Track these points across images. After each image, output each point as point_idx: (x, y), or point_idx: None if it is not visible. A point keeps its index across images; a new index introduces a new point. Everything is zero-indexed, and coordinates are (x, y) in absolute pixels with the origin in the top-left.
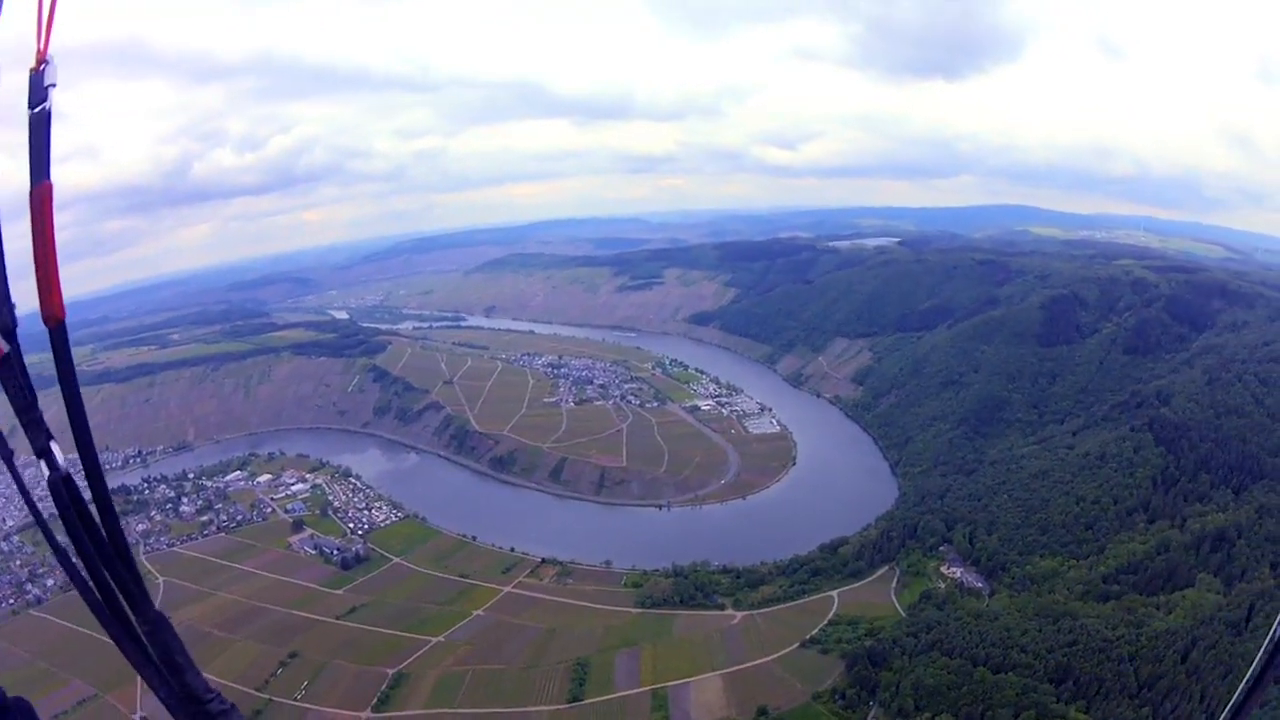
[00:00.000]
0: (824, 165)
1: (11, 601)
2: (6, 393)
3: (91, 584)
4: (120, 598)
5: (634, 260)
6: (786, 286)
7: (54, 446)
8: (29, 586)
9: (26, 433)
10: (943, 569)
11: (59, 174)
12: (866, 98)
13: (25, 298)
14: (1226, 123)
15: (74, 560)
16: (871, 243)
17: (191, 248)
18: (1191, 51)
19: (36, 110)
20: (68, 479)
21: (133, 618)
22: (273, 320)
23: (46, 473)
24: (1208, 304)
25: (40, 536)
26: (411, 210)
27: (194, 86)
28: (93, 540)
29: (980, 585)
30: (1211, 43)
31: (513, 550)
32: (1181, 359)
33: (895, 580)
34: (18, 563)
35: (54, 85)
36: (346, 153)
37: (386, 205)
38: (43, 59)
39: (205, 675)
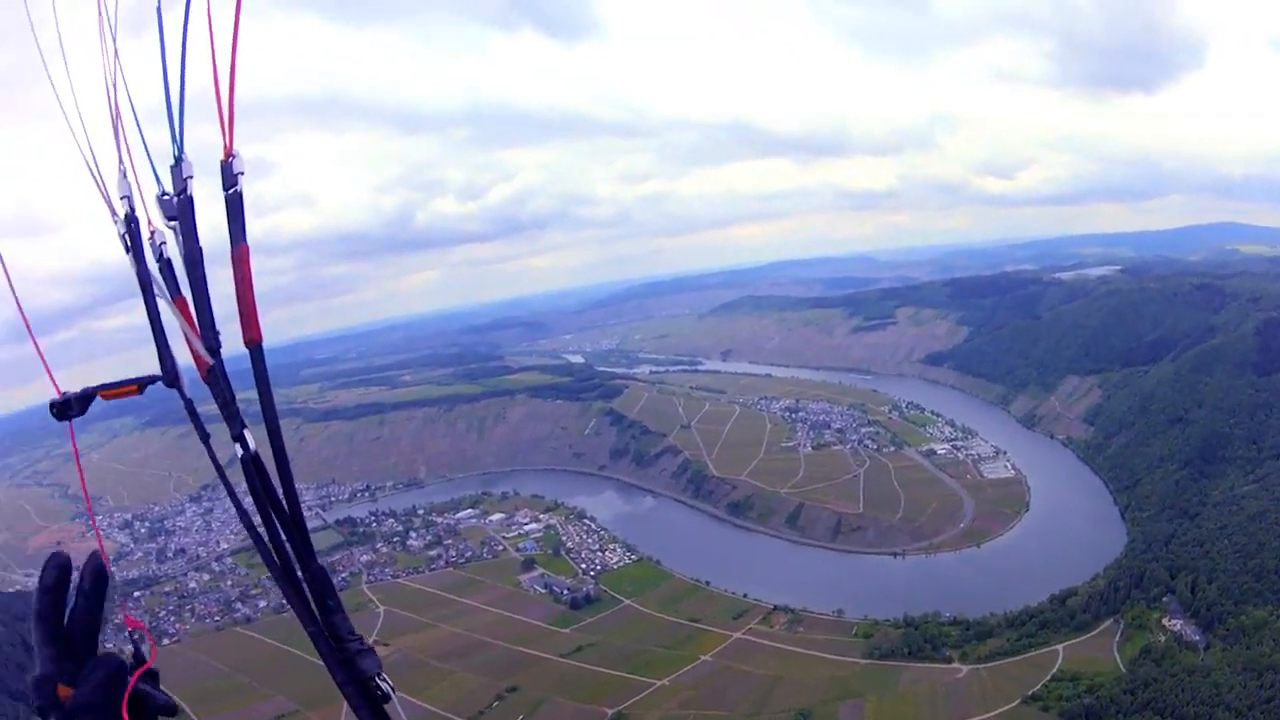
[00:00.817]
0: (1040, 193)
1: (218, 619)
2: (213, 394)
3: (268, 542)
4: (289, 550)
5: (865, 300)
6: (1016, 322)
7: (247, 434)
8: (238, 605)
9: (227, 424)
10: (1164, 621)
11: (276, 220)
12: (1071, 118)
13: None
14: None
15: (256, 525)
16: (1094, 272)
17: (419, 293)
18: None
19: (230, 192)
20: (256, 457)
21: (296, 567)
22: (507, 363)
23: (239, 452)
24: None
25: (255, 559)
26: (638, 254)
27: (405, 136)
28: (273, 506)
29: (1197, 638)
30: None
31: (745, 596)
32: None
33: (1119, 634)
34: (229, 582)
35: (242, 173)
36: (570, 199)
37: (613, 250)
38: (230, 153)
39: (418, 700)
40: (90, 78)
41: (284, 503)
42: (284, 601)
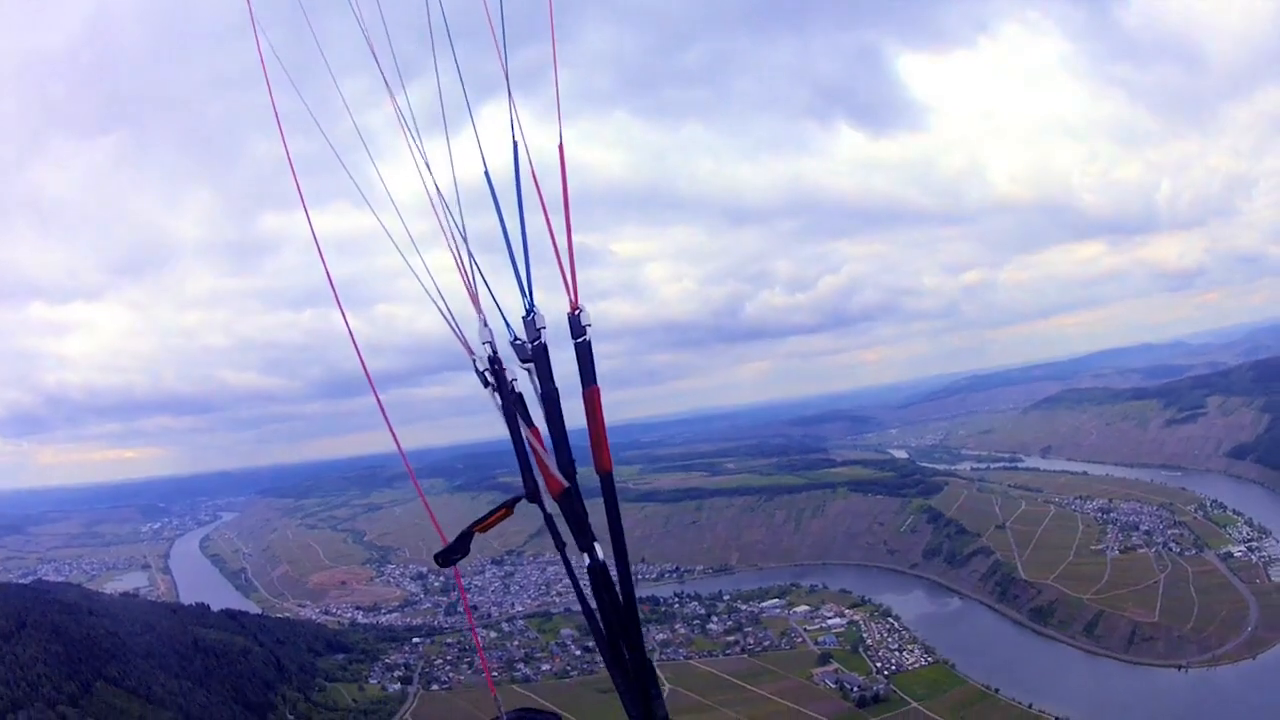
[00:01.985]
0: None
1: (497, 674)
2: (564, 513)
3: (606, 639)
4: (624, 648)
5: (1178, 390)
6: None
7: (595, 546)
8: (520, 665)
9: (576, 538)
10: None
11: (604, 306)
12: None
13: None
14: None
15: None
16: None
17: (746, 383)
18: None
19: (579, 341)
20: (603, 568)
21: (628, 662)
22: (830, 457)
23: (588, 561)
24: None
25: (547, 625)
26: (964, 348)
27: (731, 229)
28: (615, 613)
29: None
30: None
31: (1030, 707)
32: None
33: None
34: (515, 643)
35: (590, 325)
36: (897, 290)
37: (939, 343)
38: (576, 307)
39: None
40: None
41: (621, 599)
42: (569, 669)
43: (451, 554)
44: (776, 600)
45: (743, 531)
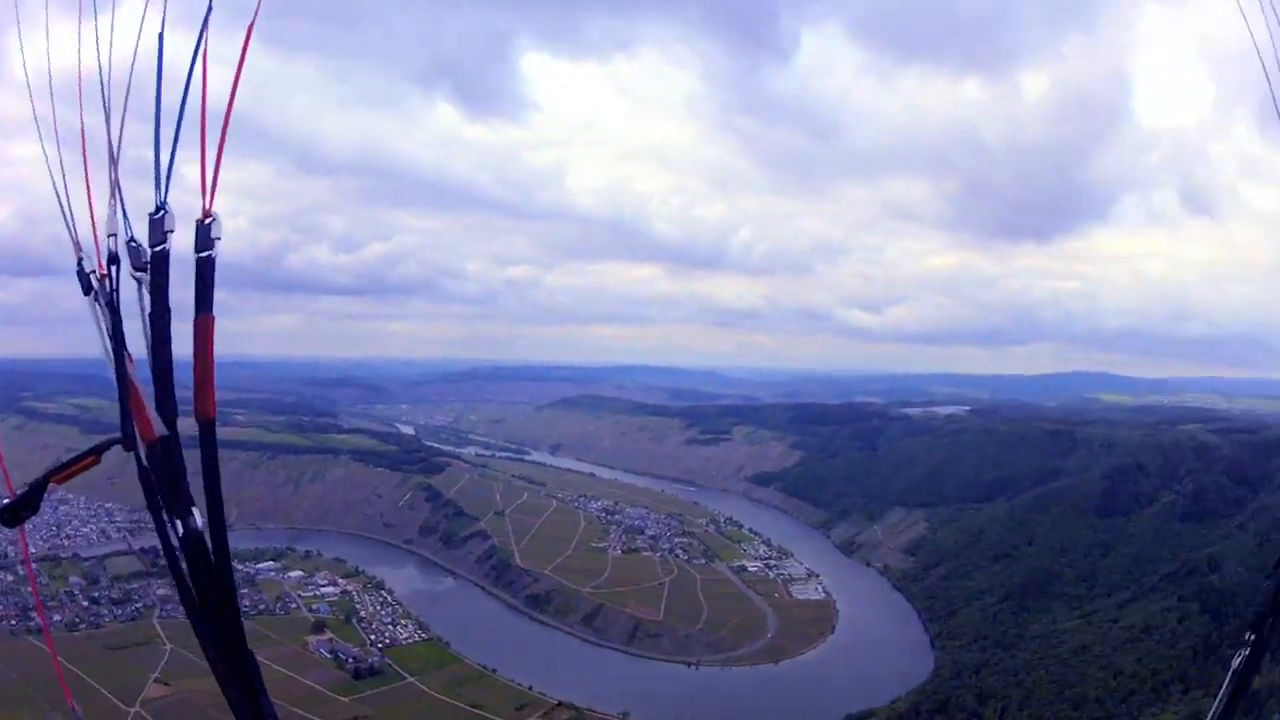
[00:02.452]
0: (906, 330)
1: (14, 623)
2: (152, 468)
3: (204, 622)
4: (225, 631)
5: (706, 414)
6: (852, 453)
7: (195, 512)
8: (34, 615)
9: (166, 504)
10: None
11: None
12: (955, 261)
13: None
14: None
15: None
16: (944, 410)
17: (274, 334)
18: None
19: (202, 255)
20: (199, 539)
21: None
22: (339, 422)
23: (182, 530)
24: (1267, 463)
25: (58, 571)
26: (496, 337)
27: (299, 175)
28: (210, 587)
29: None
30: None
31: (530, 689)
32: (1236, 523)
33: None
34: (28, 588)
35: (219, 238)
36: (441, 270)
37: (472, 329)
38: (208, 213)
39: None
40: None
41: (219, 575)
42: (78, 621)
43: (21, 509)
44: (273, 563)
45: (244, 487)
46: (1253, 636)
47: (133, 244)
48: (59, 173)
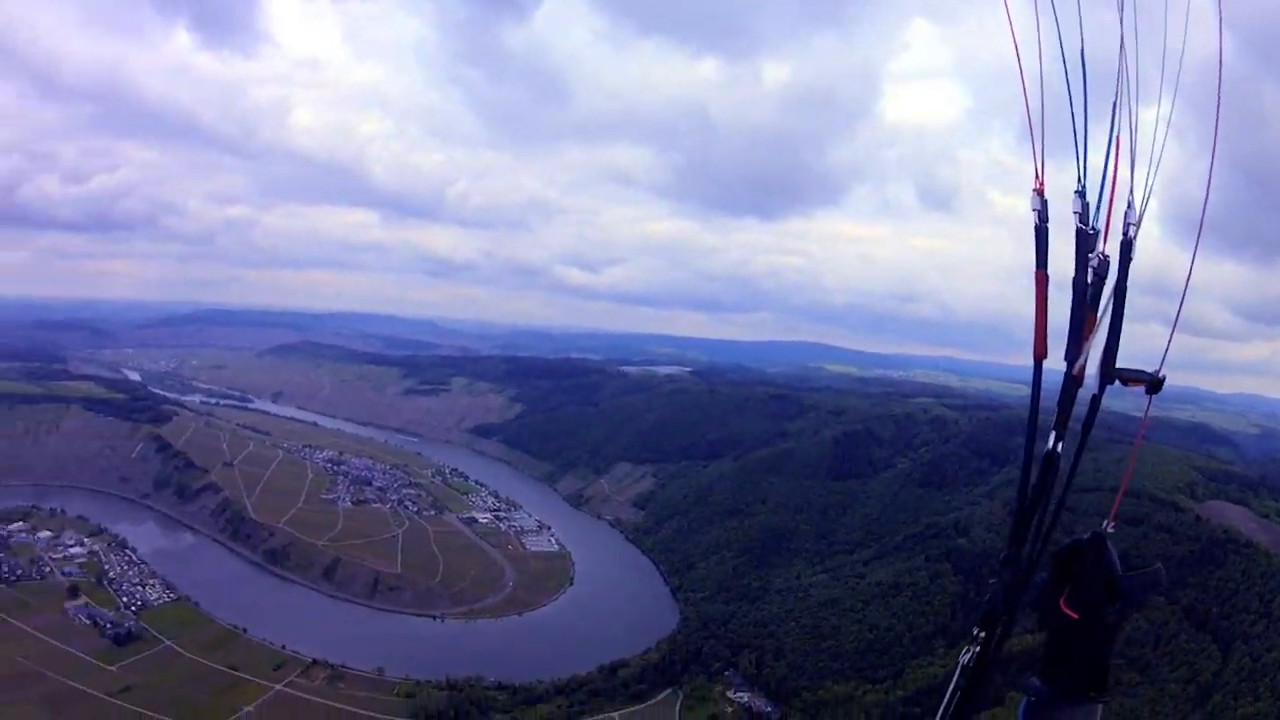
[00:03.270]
0: (623, 290)
1: None
2: None
3: None
4: None
5: (423, 364)
6: (573, 407)
7: None
8: None
9: None
10: (729, 694)
11: None
12: (676, 228)
13: None
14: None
15: None
16: (663, 370)
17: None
18: (1012, 200)
19: None
20: None
21: None
22: (68, 369)
23: None
24: (1010, 439)
25: None
26: (215, 280)
27: (33, 99)
28: None
29: (770, 709)
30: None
31: (284, 648)
32: (981, 492)
33: (679, 703)
34: None
35: None
36: (162, 206)
37: (192, 269)
38: None
39: None
40: None
41: None
42: None
43: None
44: (22, 523)
45: None
46: (981, 634)
47: None
48: None
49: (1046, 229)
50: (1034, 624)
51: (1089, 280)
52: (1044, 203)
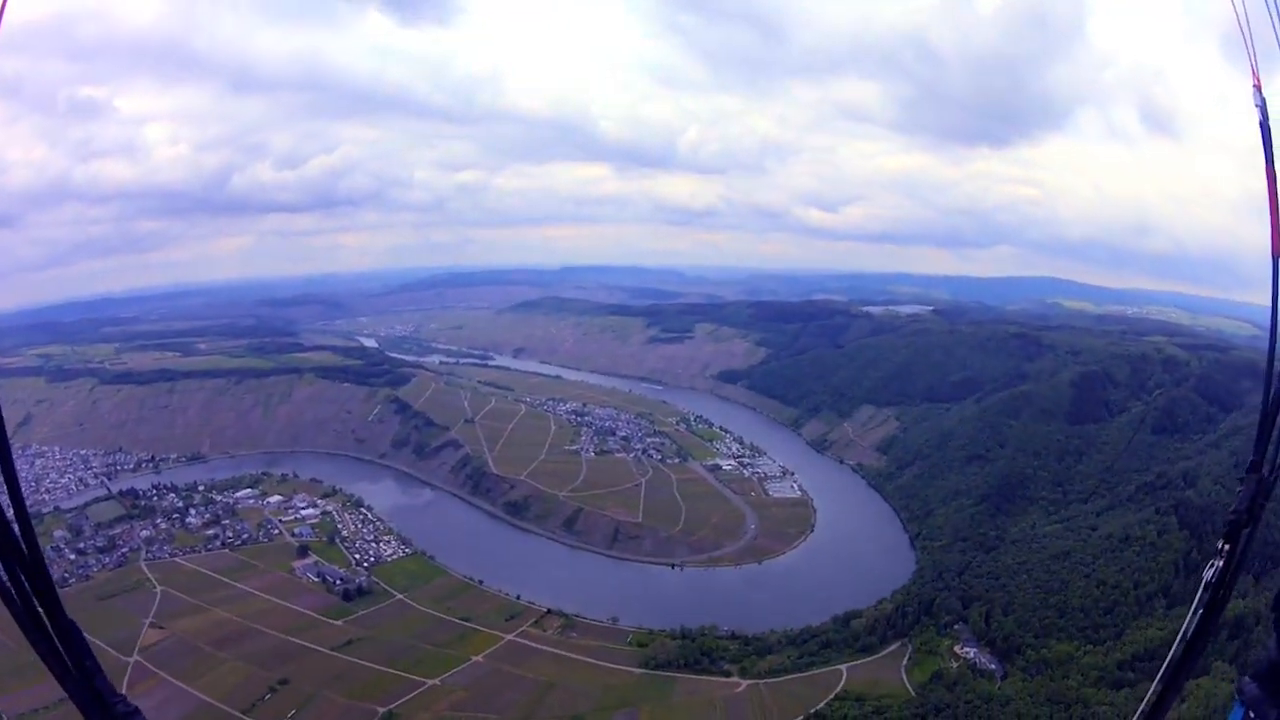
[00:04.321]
0: (863, 229)
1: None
2: None
3: (13, 592)
4: (38, 606)
5: (667, 313)
6: (818, 350)
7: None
8: None
9: None
10: (956, 649)
11: (101, 166)
12: (911, 163)
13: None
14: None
15: None
16: (906, 310)
17: (226, 258)
18: (1235, 126)
19: None
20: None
21: (48, 624)
22: (300, 341)
23: None
24: (1237, 384)
25: (41, 527)
26: (449, 243)
27: (236, 96)
28: (14, 553)
29: (994, 667)
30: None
31: (519, 598)
32: (1209, 440)
33: (907, 657)
34: None
35: None
36: (388, 180)
37: (424, 236)
38: None
39: (191, 689)
40: None
41: (24, 549)
42: (67, 576)
43: None
44: (250, 490)
45: (214, 416)
46: (1226, 546)
47: None
48: None
49: (1268, 125)
50: (1271, 623)
51: None
52: (1264, 99)
